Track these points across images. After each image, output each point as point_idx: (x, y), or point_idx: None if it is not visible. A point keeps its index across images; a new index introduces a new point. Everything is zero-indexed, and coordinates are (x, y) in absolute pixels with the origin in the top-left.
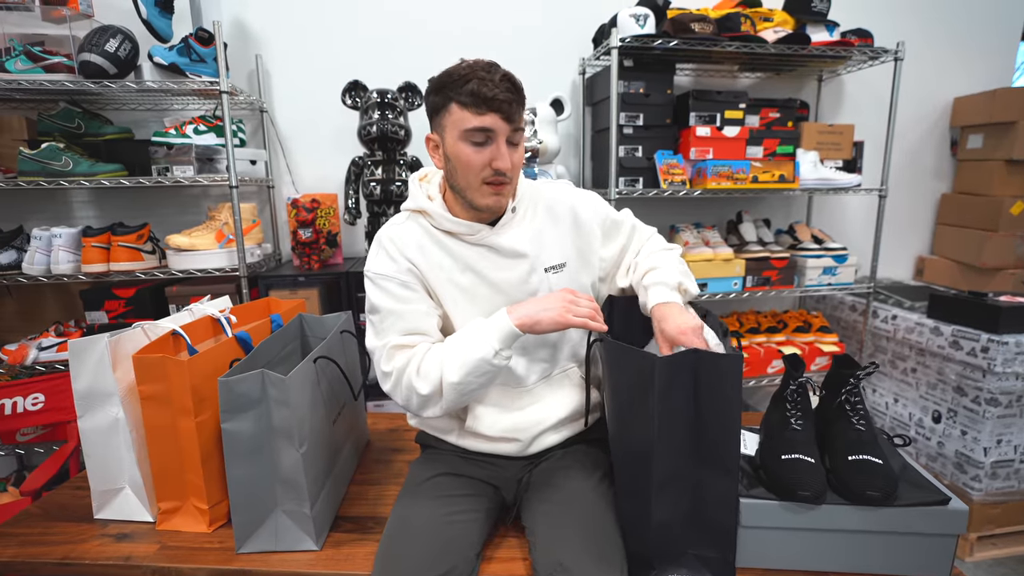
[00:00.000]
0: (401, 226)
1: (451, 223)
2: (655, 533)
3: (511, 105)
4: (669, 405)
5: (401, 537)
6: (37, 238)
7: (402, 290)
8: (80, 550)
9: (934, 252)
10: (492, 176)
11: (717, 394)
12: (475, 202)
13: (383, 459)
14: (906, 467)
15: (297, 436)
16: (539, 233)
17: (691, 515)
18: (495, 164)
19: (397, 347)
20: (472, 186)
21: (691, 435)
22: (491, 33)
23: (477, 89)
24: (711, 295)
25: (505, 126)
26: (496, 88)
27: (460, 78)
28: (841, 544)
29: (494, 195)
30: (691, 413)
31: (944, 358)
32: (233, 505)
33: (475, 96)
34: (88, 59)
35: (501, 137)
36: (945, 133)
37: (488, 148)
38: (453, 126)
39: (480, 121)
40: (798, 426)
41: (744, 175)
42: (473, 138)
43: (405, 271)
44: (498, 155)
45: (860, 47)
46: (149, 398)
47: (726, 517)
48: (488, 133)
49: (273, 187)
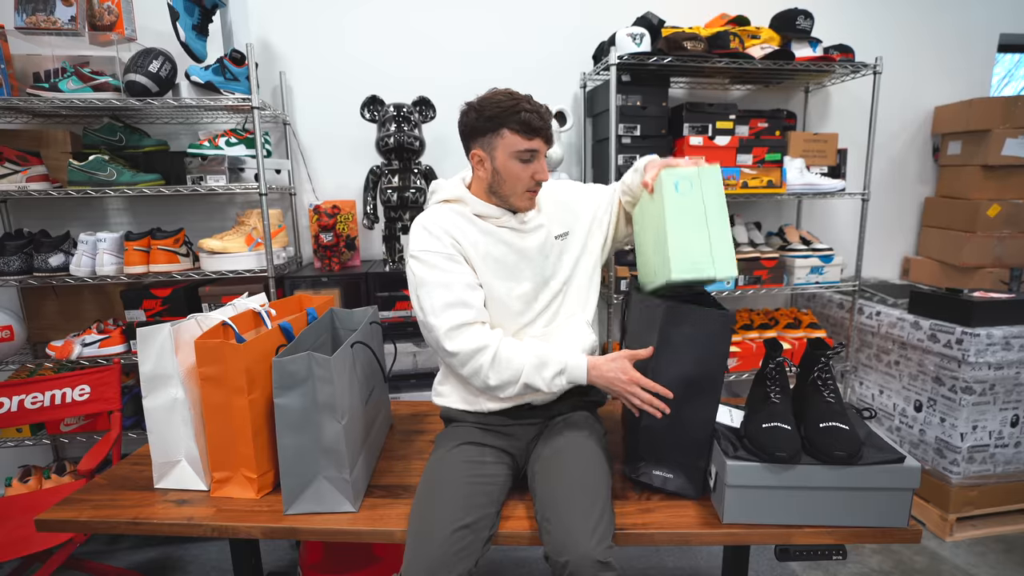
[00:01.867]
0: (437, 212)
1: (483, 207)
2: (643, 434)
3: (548, 130)
4: (667, 341)
5: (432, 494)
6: (84, 242)
7: (448, 263)
8: (147, 512)
9: (919, 253)
10: (534, 185)
11: (711, 342)
12: (516, 205)
13: (407, 439)
14: (871, 434)
15: (339, 410)
16: (545, 212)
17: (676, 429)
18: (537, 176)
19: (457, 327)
20: (516, 193)
21: (684, 369)
22: (500, 51)
23: (528, 120)
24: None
25: (545, 147)
26: (542, 120)
27: (510, 108)
28: (814, 500)
29: (531, 199)
30: (688, 353)
31: (923, 351)
32: (283, 471)
33: (526, 125)
34: (134, 79)
35: (542, 155)
36: (928, 140)
37: (532, 164)
38: (505, 147)
39: (529, 144)
40: (776, 399)
41: (735, 181)
42: (523, 157)
43: (448, 245)
44: (540, 169)
45: (841, 62)
46: (208, 379)
47: (701, 433)
48: (534, 153)
49: (295, 194)
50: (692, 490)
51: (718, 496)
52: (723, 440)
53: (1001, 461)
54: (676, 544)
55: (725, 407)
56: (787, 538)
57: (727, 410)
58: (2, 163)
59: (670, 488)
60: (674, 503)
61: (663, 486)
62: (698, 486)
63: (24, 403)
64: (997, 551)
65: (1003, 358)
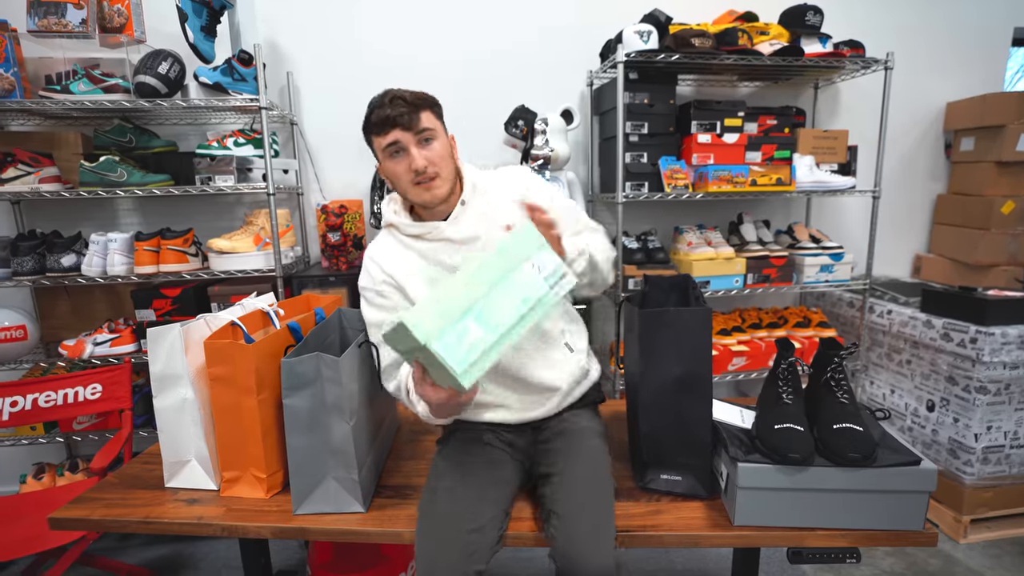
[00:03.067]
0: (380, 242)
1: (413, 228)
2: (644, 441)
3: (404, 116)
4: (650, 346)
5: (439, 498)
6: (95, 243)
7: (378, 298)
8: (158, 511)
9: (931, 250)
10: (416, 177)
11: (692, 339)
12: (417, 201)
13: (413, 440)
14: (884, 435)
15: (347, 410)
16: (485, 215)
17: (675, 431)
18: (412, 167)
19: (387, 367)
20: (408, 191)
21: (671, 369)
22: (505, 50)
23: (376, 117)
24: (713, 292)
25: (406, 134)
26: (387, 108)
27: (368, 115)
28: (827, 502)
29: (426, 191)
30: (671, 354)
31: (936, 350)
32: (292, 472)
33: (376, 123)
34: (144, 80)
35: (409, 144)
36: (939, 136)
37: (404, 157)
38: (378, 150)
39: (386, 139)
40: (789, 400)
41: (743, 179)
42: (390, 153)
43: (380, 283)
44: (411, 159)
45: (852, 57)
46: (217, 379)
47: (700, 431)
48: (397, 145)
49: (303, 194)
50: (702, 490)
51: (729, 498)
52: (735, 441)
53: (1016, 462)
54: (686, 546)
55: (736, 407)
56: (800, 541)
57: (738, 410)
58: (15, 164)
59: (679, 490)
60: (684, 504)
61: (672, 489)
62: (707, 486)
63: (38, 402)
64: (1012, 553)
65: (1018, 357)
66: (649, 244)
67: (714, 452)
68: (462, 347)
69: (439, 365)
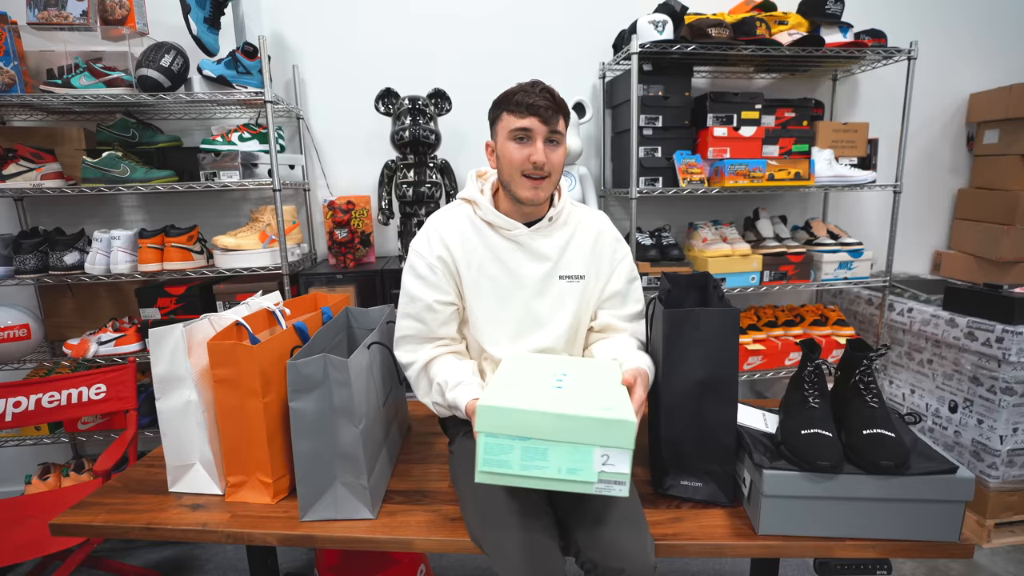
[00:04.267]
0: (451, 212)
1: (493, 215)
2: (665, 446)
3: (547, 110)
4: (674, 347)
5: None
6: (98, 240)
7: (427, 271)
8: (161, 517)
9: (951, 246)
10: (531, 170)
11: (718, 341)
12: (517, 193)
13: (425, 441)
14: (917, 441)
15: (356, 414)
16: (566, 245)
17: (698, 435)
18: (532, 158)
19: (402, 338)
20: (514, 179)
21: (695, 372)
22: (516, 41)
23: (521, 99)
24: (729, 290)
25: (542, 127)
26: (535, 97)
27: (511, 93)
28: (857, 511)
29: (532, 188)
30: (695, 356)
31: (960, 349)
32: (298, 477)
33: (519, 104)
34: (146, 74)
35: (539, 136)
36: (961, 129)
37: (527, 145)
38: (503, 129)
39: (521, 123)
40: (815, 404)
41: (760, 173)
42: (516, 135)
43: (435, 257)
44: (535, 151)
45: (874, 47)
46: (221, 381)
47: (724, 437)
48: (528, 132)
49: (309, 190)
50: (723, 497)
51: (753, 506)
52: (759, 446)
53: None
54: (710, 556)
55: (758, 411)
56: (827, 551)
57: (760, 414)
58: (16, 161)
59: (700, 497)
60: (704, 511)
61: (692, 496)
62: (729, 492)
63: (41, 402)
64: None
65: None
66: (663, 240)
67: (736, 457)
68: (498, 454)
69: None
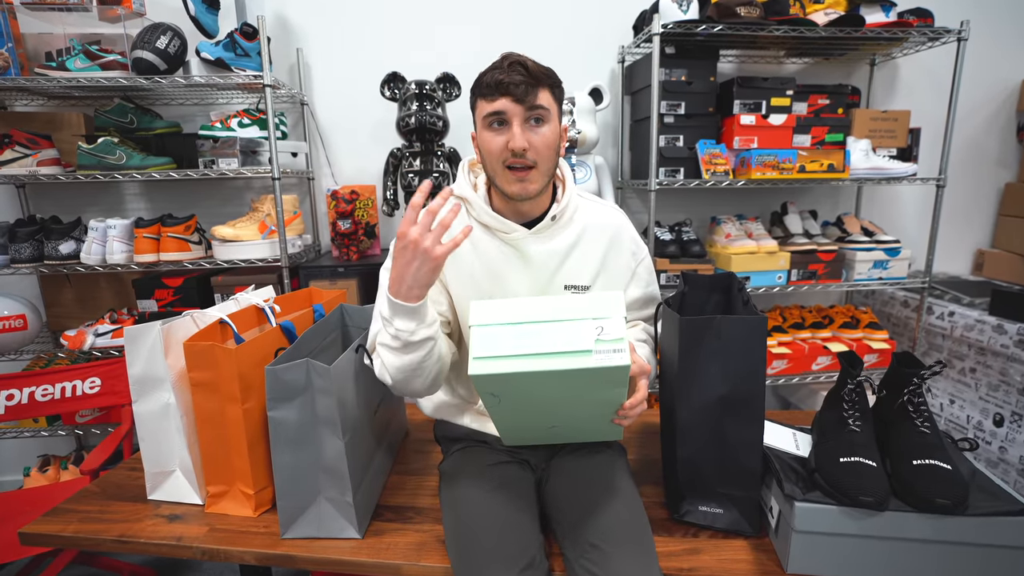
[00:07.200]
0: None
1: (489, 217)
2: (682, 467)
3: (519, 86)
4: (692, 359)
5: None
6: (94, 229)
7: None
8: (135, 529)
9: (995, 245)
10: (511, 159)
11: (743, 352)
12: (503, 189)
13: (422, 450)
14: (975, 473)
15: (340, 425)
16: (571, 249)
17: (718, 457)
18: (510, 144)
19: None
20: (497, 172)
21: (715, 387)
22: (530, 24)
23: (488, 78)
24: (754, 289)
25: (516, 107)
26: (504, 73)
27: (480, 76)
28: (905, 554)
29: (517, 181)
30: (716, 369)
31: (1008, 358)
32: (278, 491)
33: (487, 85)
34: (141, 56)
35: (514, 118)
36: (1011, 118)
37: (504, 131)
38: (479, 117)
39: (492, 106)
40: (856, 427)
41: (790, 165)
42: (490, 122)
43: None
44: (512, 135)
45: (919, 27)
46: (199, 384)
47: (748, 459)
48: (500, 116)
49: (313, 179)
50: (746, 526)
51: (781, 539)
52: (789, 473)
53: None
54: None
55: (788, 429)
56: None
57: (790, 434)
58: (12, 146)
59: (719, 525)
60: (725, 542)
61: (712, 523)
62: (754, 521)
63: (35, 395)
64: None
65: None
66: (684, 236)
67: (762, 482)
68: (491, 340)
69: None
